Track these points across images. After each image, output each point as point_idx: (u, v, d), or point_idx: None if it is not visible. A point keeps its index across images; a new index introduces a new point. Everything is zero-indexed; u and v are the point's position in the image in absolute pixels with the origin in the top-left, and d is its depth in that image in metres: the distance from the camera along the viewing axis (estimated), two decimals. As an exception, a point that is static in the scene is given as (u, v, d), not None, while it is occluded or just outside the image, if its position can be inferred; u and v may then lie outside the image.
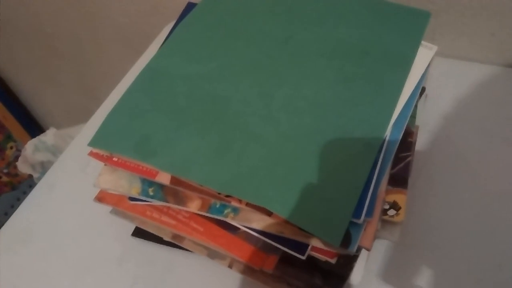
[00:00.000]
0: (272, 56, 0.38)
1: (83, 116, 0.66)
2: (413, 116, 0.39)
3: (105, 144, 0.35)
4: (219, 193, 0.32)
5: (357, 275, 0.36)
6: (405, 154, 0.37)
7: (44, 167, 0.98)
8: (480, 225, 0.40)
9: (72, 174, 0.52)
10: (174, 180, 0.33)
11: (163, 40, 0.41)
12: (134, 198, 0.36)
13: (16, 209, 0.51)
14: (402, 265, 0.38)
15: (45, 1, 0.87)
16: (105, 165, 0.37)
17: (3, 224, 0.49)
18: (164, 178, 0.34)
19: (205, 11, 0.43)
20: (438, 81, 0.50)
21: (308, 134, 0.33)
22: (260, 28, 0.40)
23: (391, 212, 0.34)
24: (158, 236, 0.39)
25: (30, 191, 0.52)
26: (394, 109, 0.34)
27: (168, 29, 0.68)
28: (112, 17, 0.81)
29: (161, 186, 0.35)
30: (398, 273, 0.38)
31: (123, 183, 0.36)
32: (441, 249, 0.39)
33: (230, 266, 0.37)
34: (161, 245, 0.42)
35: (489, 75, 0.51)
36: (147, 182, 0.36)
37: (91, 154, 0.36)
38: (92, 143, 0.35)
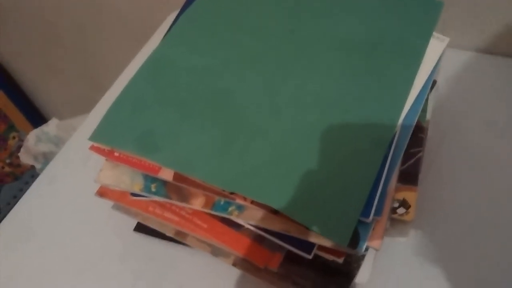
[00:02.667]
0: (278, 49, 0.37)
1: (87, 106, 0.65)
2: (424, 111, 0.38)
3: (107, 138, 0.34)
4: (223, 190, 0.31)
5: (364, 274, 0.35)
6: (415, 149, 0.36)
7: (46, 158, 0.97)
8: (490, 222, 0.39)
9: (74, 167, 0.51)
10: (178, 177, 0.33)
11: (166, 29, 0.40)
12: (136, 194, 0.36)
13: (18, 199, 0.50)
14: (410, 262, 0.38)
15: (48, -11, 0.86)
16: (106, 160, 0.36)
17: (5, 215, 0.49)
18: (167, 174, 0.33)
19: (210, 1, 0.41)
20: (449, 73, 0.49)
21: (315, 130, 0.32)
22: (266, 20, 0.39)
23: (401, 210, 0.33)
24: (160, 232, 0.38)
25: (32, 181, 0.52)
26: (405, 104, 0.33)
27: (171, 18, 0.67)
28: (115, 6, 0.80)
29: (164, 183, 0.34)
30: (405, 271, 0.37)
31: (125, 179, 0.35)
32: (450, 246, 0.38)
33: (234, 264, 0.36)
34: (164, 241, 0.41)
35: (501, 67, 0.50)
36: (150, 178, 0.35)
37: (92, 148, 0.35)
38: (93, 138, 0.34)
